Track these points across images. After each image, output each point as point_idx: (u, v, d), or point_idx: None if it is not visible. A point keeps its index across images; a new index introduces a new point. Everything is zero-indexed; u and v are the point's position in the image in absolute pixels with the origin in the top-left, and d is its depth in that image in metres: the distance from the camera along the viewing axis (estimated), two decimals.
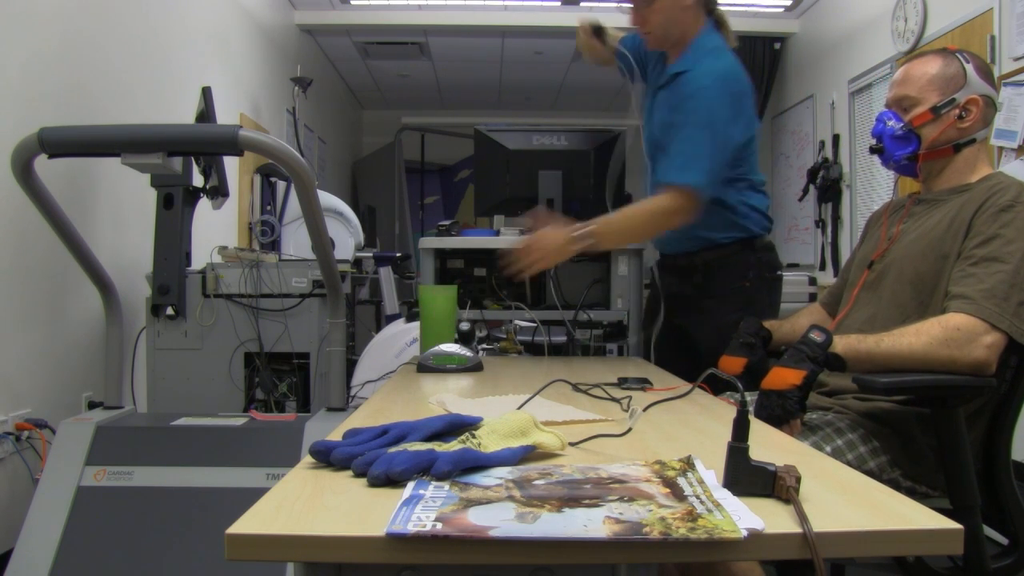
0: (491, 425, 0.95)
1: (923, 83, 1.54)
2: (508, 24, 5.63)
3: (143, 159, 1.83)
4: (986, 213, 1.44)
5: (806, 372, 1.34)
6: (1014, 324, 1.35)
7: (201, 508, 1.92)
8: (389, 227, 6.97)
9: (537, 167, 2.38)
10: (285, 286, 2.75)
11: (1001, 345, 1.35)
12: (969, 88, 1.52)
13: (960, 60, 1.54)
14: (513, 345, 2.47)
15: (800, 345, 1.38)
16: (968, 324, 1.35)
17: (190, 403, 2.65)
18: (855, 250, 1.79)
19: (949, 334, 1.35)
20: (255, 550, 0.67)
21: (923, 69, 1.55)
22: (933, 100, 1.53)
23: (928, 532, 0.69)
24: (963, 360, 1.34)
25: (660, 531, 0.66)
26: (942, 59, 1.55)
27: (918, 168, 1.58)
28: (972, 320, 1.35)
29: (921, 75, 1.55)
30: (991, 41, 3.28)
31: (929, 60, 1.56)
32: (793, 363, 1.36)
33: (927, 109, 1.53)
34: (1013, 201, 1.43)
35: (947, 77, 1.53)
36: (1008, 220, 1.41)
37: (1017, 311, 1.35)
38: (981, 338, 1.34)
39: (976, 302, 1.36)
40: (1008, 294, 1.36)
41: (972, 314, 1.36)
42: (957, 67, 1.53)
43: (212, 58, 3.92)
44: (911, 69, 1.57)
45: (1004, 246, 1.40)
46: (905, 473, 1.44)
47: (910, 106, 1.56)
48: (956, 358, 1.34)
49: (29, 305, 2.40)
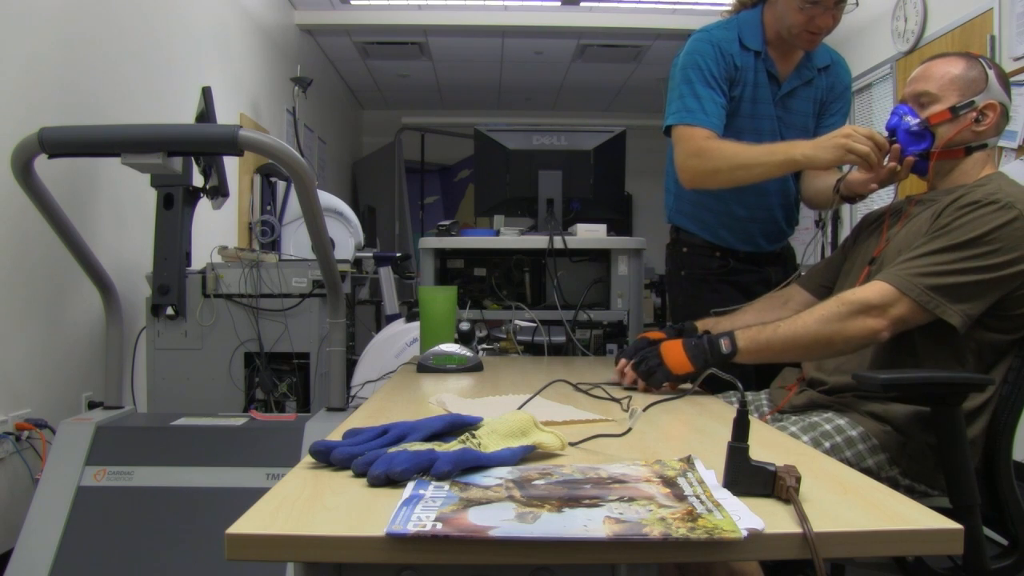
0: (491, 425, 0.95)
1: (944, 82, 1.54)
2: (508, 24, 5.64)
3: (143, 159, 1.83)
4: (951, 207, 1.45)
5: (694, 370, 1.44)
6: (925, 294, 1.37)
7: (201, 508, 1.92)
8: (389, 227, 6.97)
9: (537, 167, 2.38)
10: (285, 286, 2.75)
11: (904, 316, 1.38)
12: (989, 93, 1.52)
13: (983, 65, 1.54)
14: (513, 345, 2.47)
15: (707, 345, 1.46)
16: (874, 292, 1.39)
17: (190, 403, 2.65)
18: (847, 247, 1.78)
19: (842, 307, 1.40)
20: (255, 550, 0.67)
21: (945, 68, 1.55)
22: (952, 100, 1.53)
23: (928, 532, 0.69)
24: (846, 333, 1.39)
25: (660, 531, 0.66)
26: (965, 61, 1.55)
27: (928, 166, 1.58)
28: (882, 287, 1.39)
29: (943, 74, 1.55)
30: (991, 41, 3.28)
31: (952, 60, 1.56)
32: (692, 356, 1.45)
33: (946, 108, 1.53)
34: (981, 199, 1.42)
35: (969, 79, 1.53)
36: (963, 214, 1.42)
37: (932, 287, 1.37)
38: (888, 309, 1.38)
39: (890, 273, 1.40)
40: (928, 270, 1.38)
41: (883, 280, 1.40)
42: (979, 71, 1.53)
43: (212, 58, 3.92)
44: (933, 67, 1.57)
45: (947, 234, 1.41)
46: (904, 471, 1.44)
47: (928, 103, 1.55)
48: (840, 331, 1.39)
49: (29, 305, 2.40)
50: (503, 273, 2.44)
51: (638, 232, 7.28)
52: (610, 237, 2.35)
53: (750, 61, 1.92)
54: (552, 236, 2.28)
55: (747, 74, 1.91)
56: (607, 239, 2.34)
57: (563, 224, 2.36)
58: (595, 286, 2.35)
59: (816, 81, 1.99)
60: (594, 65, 6.71)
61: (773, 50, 1.93)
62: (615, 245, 2.34)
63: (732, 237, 2.06)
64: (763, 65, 1.93)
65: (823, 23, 1.82)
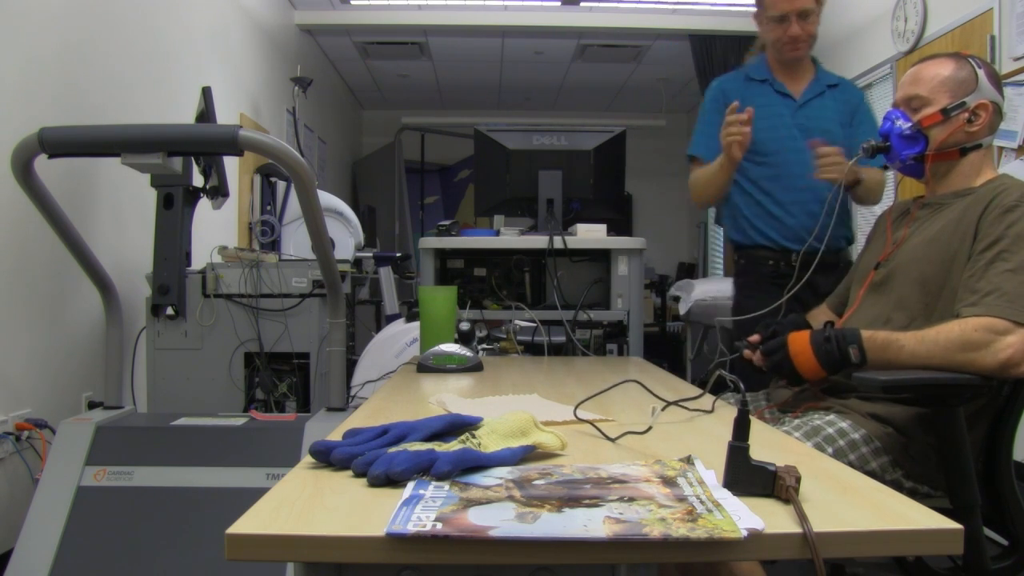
0: (491, 425, 0.95)
1: (934, 84, 1.53)
2: (508, 24, 5.63)
3: (143, 159, 1.83)
4: (992, 215, 1.44)
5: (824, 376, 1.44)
6: None
7: (201, 508, 1.92)
8: (389, 227, 6.97)
9: (537, 167, 2.39)
10: (285, 286, 2.75)
11: None
12: (980, 93, 1.52)
13: (972, 65, 1.53)
14: (513, 345, 2.47)
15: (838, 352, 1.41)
16: (988, 325, 1.34)
17: (190, 403, 2.65)
18: (861, 252, 1.79)
19: (967, 337, 1.34)
20: (255, 550, 0.67)
21: (935, 70, 1.54)
22: (944, 102, 1.52)
23: (928, 532, 0.69)
24: (983, 362, 1.33)
25: (660, 531, 0.66)
26: (954, 62, 1.54)
27: (924, 169, 1.58)
28: (991, 320, 1.34)
29: (933, 76, 1.54)
30: (991, 41, 3.28)
31: (941, 62, 1.56)
32: (824, 361, 1.43)
33: (937, 110, 1.53)
34: (1018, 201, 1.42)
35: (959, 80, 1.52)
36: (1013, 220, 1.41)
37: None
38: (1003, 338, 1.33)
39: (990, 304, 1.36)
40: (1021, 292, 1.36)
41: (989, 315, 1.35)
42: (969, 71, 1.53)
43: (212, 58, 3.92)
44: (923, 70, 1.57)
45: (1010, 246, 1.40)
46: (907, 473, 1.44)
47: (920, 106, 1.55)
48: (975, 360, 1.34)
49: (29, 305, 2.40)
50: (503, 273, 2.44)
51: (638, 232, 7.28)
52: (610, 237, 2.35)
53: (756, 88, 2.33)
54: (552, 236, 2.28)
55: (755, 98, 2.22)
56: (607, 239, 2.34)
57: (563, 224, 2.36)
58: (595, 286, 2.35)
59: (828, 94, 2.33)
60: (594, 65, 6.71)
61: (781, 75, 2.33)
62: (615, 245, 2.34)
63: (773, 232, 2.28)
64: (771, 88, 2.32)
65: (794, 32, 2.21)
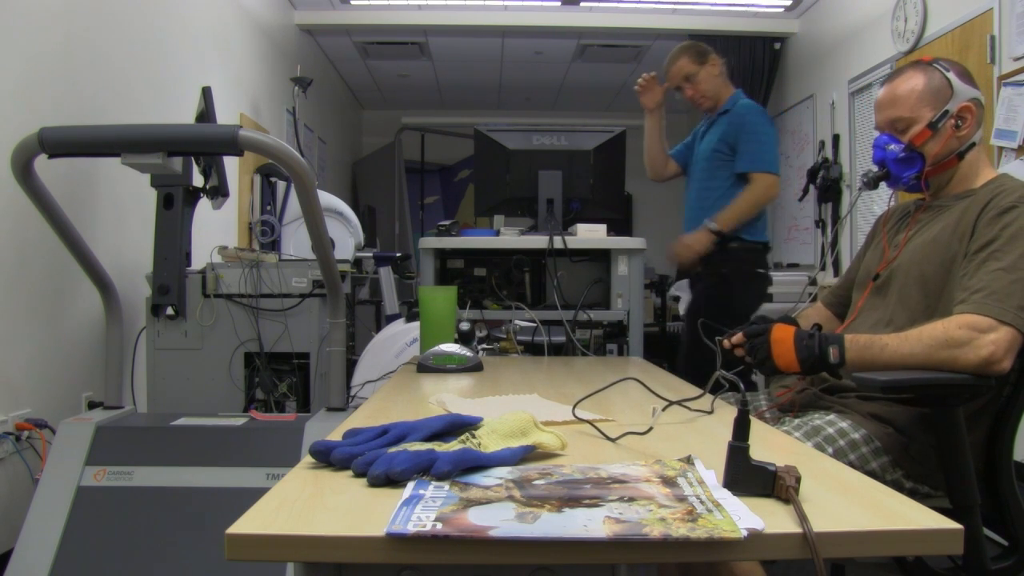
0: (491, 425, 0.95)
1: (913, 101, 1.52)
2: (508, 24, 5.63)
3: (143, 159, 1.83)
4: (988, 215, 1.44)
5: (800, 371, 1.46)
6: (1019, 317, 1.34)
7: (201, 508, 1.92)
8: (389, 227, 6.97)
9: (537, 167, 2.39)
10: (285, 286, 2.75)
11: (1012, 342, 1.34)
12: (958, 96, 1.51)
13: (940, 70, 1.52)
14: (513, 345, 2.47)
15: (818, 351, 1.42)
16: (971, 322, 1.34)
17: (190, 403, 2.65)
18: (861, 250, 1.78)
19: (950, 334, 1.35)
20: (255, 550, 0.67)
21: (908, 86, 1.53)
22: (928, 116, 1.51)
23: (928, 532, 0.69)
24: (965, 359, 1.34)
25: (660, 531, 0.66)
26: (923, 73, 1.53)
27: (924, 184, 1.57)
28: (975, 318, 1.34)
29: (908, 93, 1.53)
30: (991, 41, 3.28)
31: (911, 76, 1.54)
32: (802, 356, 1.43)
33: (924, 127, 1.52)
34: (1015, 203, 1.42)
35: (934, 90, 1.51)
36: (1009, 221, 1.41)
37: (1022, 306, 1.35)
38: (985, 335, 1.33)
39: (977, 301, 1.36)
40: (1010, 291, 1.35)
41: (975, 312, 1.35)
42: (940, 78, 1.51)
43: (212, 58, 3.92)
44: (896, 89, 1.55)
45: (1004, 246, 1.40)
46: (907, 474, 1.44)
47: (905, 127, 1.54)
48: (957, 357, 1.34)
49: (29, 305, 2.40)
50: (503, 273, 2.44)
51: (638, 232, 7.28)
52: (610, 237, 2.35)
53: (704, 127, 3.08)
54: (552, 236, 2.28)
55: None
56: (607, 239, 2.34)
57: (563, 224, 2.36)
58: (595, 286, 2.35)
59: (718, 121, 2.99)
60: (594, 65, 6.71)
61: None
62: (615, 245, 2.34)
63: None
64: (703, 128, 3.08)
65: (688, 95, 3.02)
